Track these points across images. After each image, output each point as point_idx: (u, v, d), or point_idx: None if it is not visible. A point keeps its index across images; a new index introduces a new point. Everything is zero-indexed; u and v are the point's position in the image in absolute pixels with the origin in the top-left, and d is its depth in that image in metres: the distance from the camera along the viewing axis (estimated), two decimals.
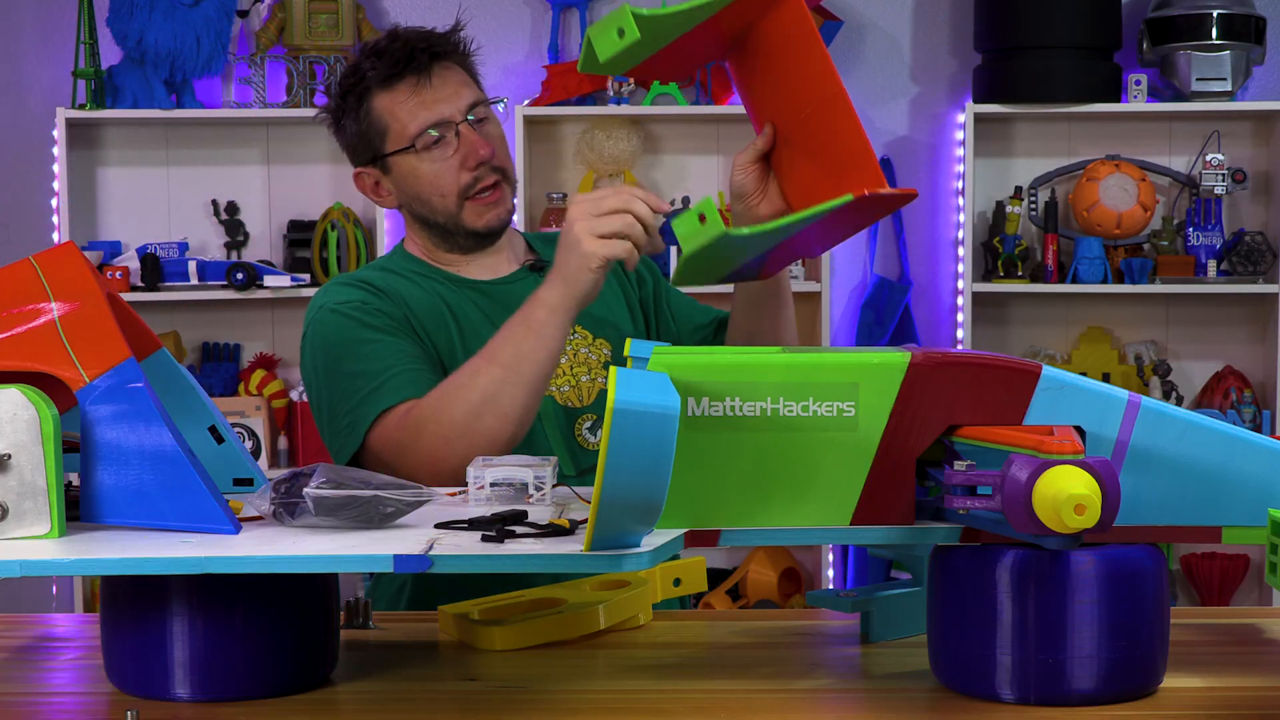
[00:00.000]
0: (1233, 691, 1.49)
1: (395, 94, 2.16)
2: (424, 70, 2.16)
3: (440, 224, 2.19)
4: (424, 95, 2.15)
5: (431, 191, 2.17)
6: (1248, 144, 4.49)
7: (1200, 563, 4.44)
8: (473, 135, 2.15)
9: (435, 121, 2.15)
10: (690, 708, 1.46)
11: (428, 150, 2.15)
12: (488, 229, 2.20)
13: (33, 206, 4.39)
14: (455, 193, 2.16)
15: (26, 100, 4.39)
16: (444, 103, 2.15)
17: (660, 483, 1.30)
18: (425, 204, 2.19)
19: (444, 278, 2.21)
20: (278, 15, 4.32)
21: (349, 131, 2.23)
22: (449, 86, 2.17)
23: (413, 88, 2.16)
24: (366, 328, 2.09)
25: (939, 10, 4.52)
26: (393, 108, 2.17)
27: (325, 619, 1.52)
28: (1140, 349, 4.51)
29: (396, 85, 2.16)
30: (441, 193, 2.17)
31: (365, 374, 2.05)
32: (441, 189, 2.16)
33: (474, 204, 2.17)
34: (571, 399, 2.16)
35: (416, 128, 2.15)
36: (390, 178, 2.21)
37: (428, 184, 2.17)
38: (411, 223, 2.25)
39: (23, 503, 1.44)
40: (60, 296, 1.51)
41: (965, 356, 1.47)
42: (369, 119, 2.19)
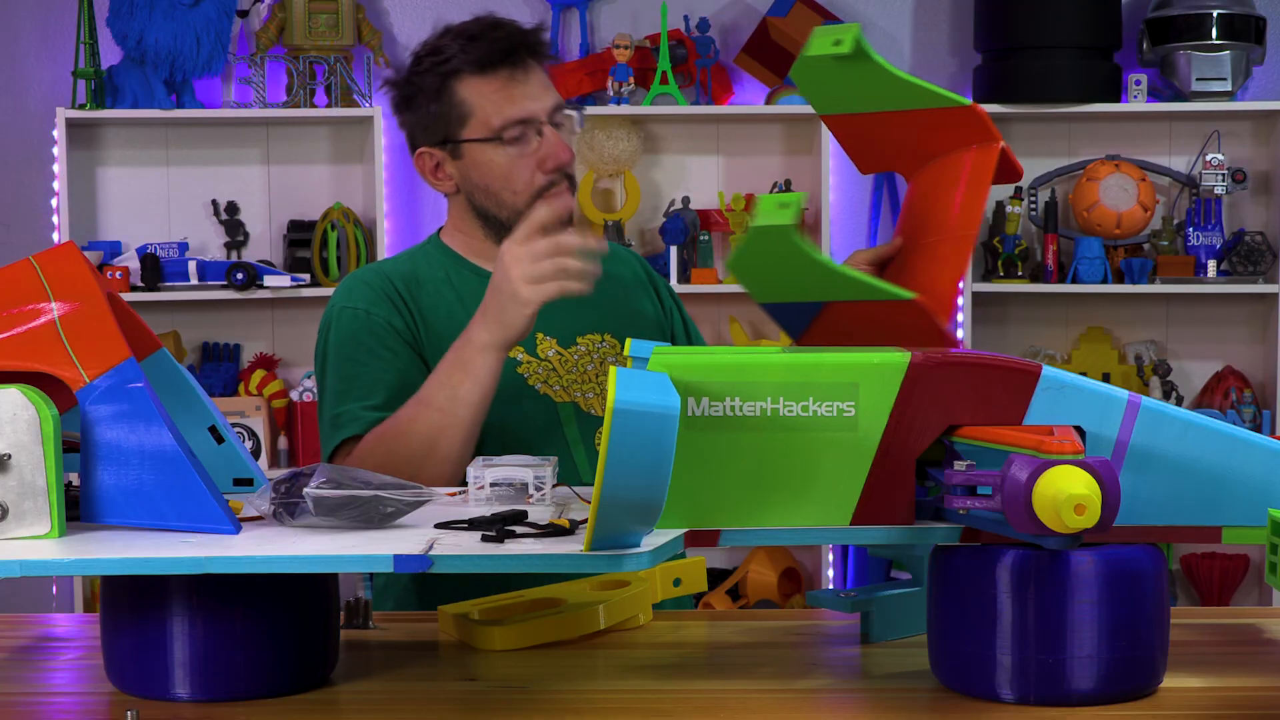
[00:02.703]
0: (1233, 691, 1.49)
1: (486, 82, 2.13)
2: (519, 65, 2.14)
3: (503, 220, 2.16)
4: (514, 90, 2.13)
5: (503, 185, 2.15)
6: (1248, 144, 4.49)
7: (1200, 563, 4.44)
8: (555, 138, 2.14)
9: (522, 118, 2.13)
10: (690, 708, 1.46)
11: (510, 145, 2.13)
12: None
13: (33, 206, 4.39)
14: (528, 191, 2.14)
15: (26, 100, 4.39)
16: (533, 100, 2.13)
17: (660, 483, 1.30)
18: (493, 196, 2.16)
19: (472, 273, 2.20)
20: (278, 15, 4.32)
21: (421, 110, 2.17)
22: (538, 85, 2.15)
23: (506, 80, 2.13)
24: (373, 336, 2.10)
25: (939, 10, 4.52)
26: (479, 95, 2.13)
27: (325, 619, 1.52)
28: (1140, 349, 4.51)
29: (489, 74, 2.13)
30: (514, 189, 2.14)
31: (350, 389, 2.08)
32: (514, 185, 2.14)
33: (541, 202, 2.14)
34: (595, 406, 2.17)
35: (501, 121, 2.12)
36: (458, 163, 2.17)
37: (500, 177, 2.15)
38: (465, 212, 2.21)
39: (23, 503, 1.44)
40: (60, 296, 1.51)
41: (965, 356, 1.47)
42: (451, 101, 2.14)
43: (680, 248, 4.32)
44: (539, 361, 2.14)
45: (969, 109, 1.82)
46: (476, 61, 2.13)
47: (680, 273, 4.31)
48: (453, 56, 2.14)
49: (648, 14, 4.41)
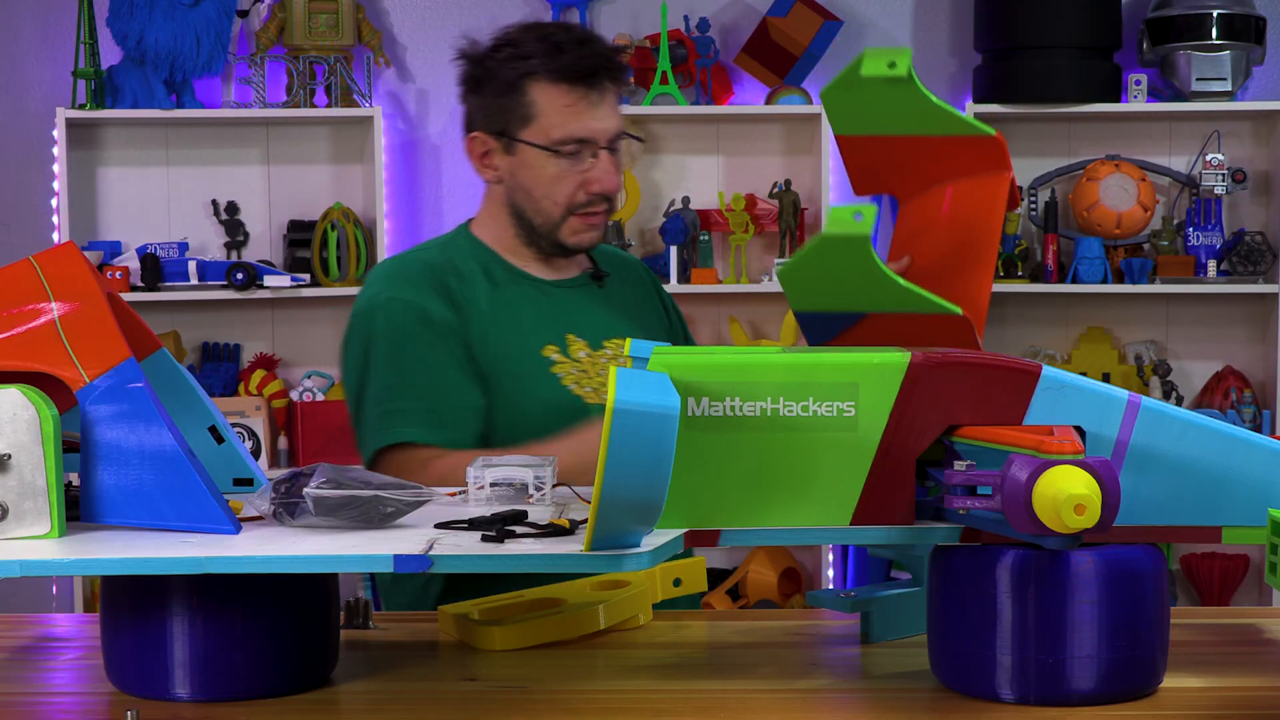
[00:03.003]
0: (1233, 691, 1.49)
1: (558, 92, 2.14)
2: (595, 85, 2.15)
3: (535, 224, 2.18)
4: (582, 107, 2.14)
5: (544, 193, 2.16)
6: (1248, 144, 4.49)
7: (1200, 563, 4.44)
8: (607, 164, 2.16)
9: (583, 137, 2.14)
10: (690, 708, 1.46)
11: (564, 158, 2.15)
12: (577, 247, 2.21)
13: (33, 206, 4.39)
14: (565, 205, 2.16)
15: (26, 100, 4.38)
16: (598, 123, 2.15)
17: (660, 483, 1.30)
18: (532, 201, 2.17)
19: (506, 269, 2.21)
20: (278, 15, 4.31)
21: (488, 96, 2.19)
22: (606, 109, 2.17)
23: (578, 95, 2.14)
24: (427, 330, 2.10)
25: (939, 10, 4.52)
26: (550, 103, 2.14)
27: (325, 619, 1.52)
28: (1140, 349, 4.51)
29: (564, 86, 2.14)
30: (554, 200, 2.16)
31: (401, 387, 2.07)
32: (555, 196, 2.16)
33: (577, 219, 2.17)
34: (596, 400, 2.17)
35: (563, 135, 2.14)
36: (508, 158, 2.18)
37: (544, 185, 2.16)
38: (501, 208, 2.22)
39: (23, 503, 1.44)
40: (60, 296, 1.51)
41: (965, 356, 1.47)
42: (519, 97, 2.15)
43: (680, 248, 4.32)
44: (572, 362, 2.15)
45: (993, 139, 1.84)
46: (557, 70, 2.14)
47: (680, 273, 4.31)
48: (533, 57, 2.15)
49: (648, 14, 4.41)
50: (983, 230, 1.85)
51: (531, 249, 2.22)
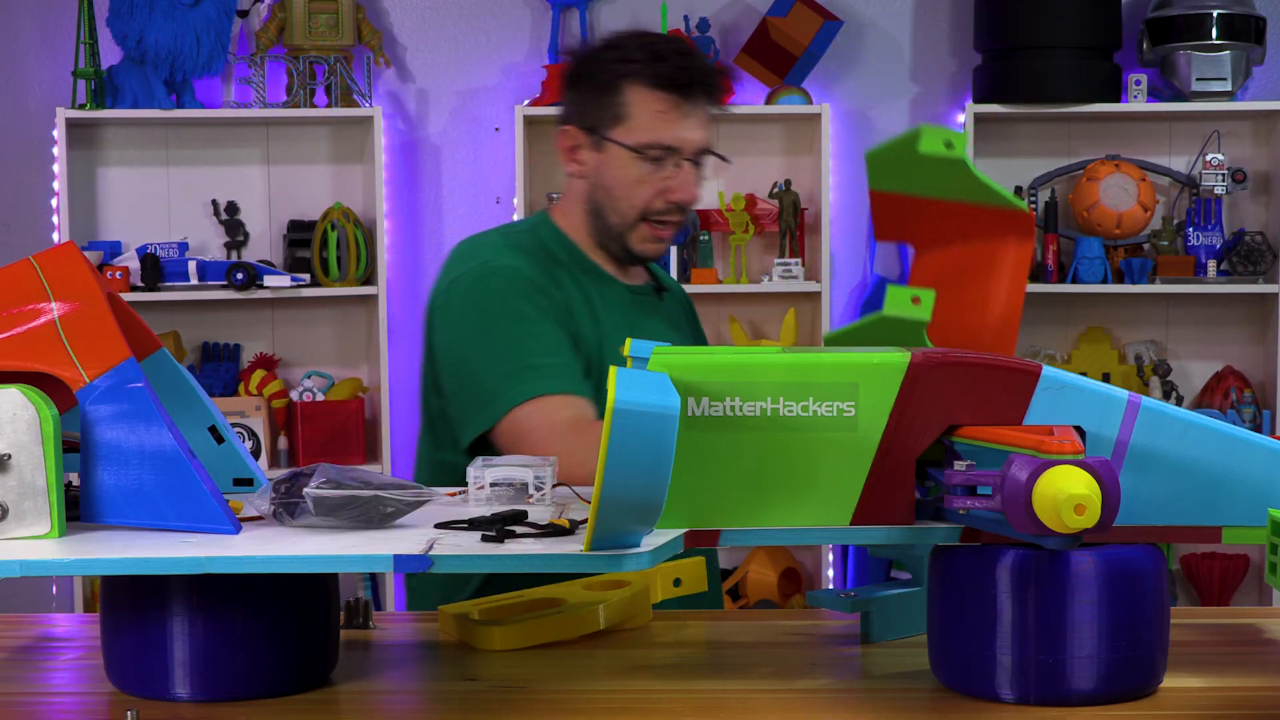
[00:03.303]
0: (1233, 691, 1.49)
1: (653, 97, 2.18)
2: (689, 97, 2.19)
3: (610, 224, 2.22)
4: (674, 116, 2.18)
5: (623, 194, 2.20)
6: (1248, 144, 4.49)
7: (1200, 563, 4.44)
8: (688, 176, 2.19)
9: (669, 145, 2.18)
10: (690, 708, 1.46)
11: (645, 161, 2.18)
12: (643, 255, 2.24)
13: (33, 206, 4.39)
14: (641, 209, 2.20)
15: (26, 100, 4.38)
16: (685, 133, 2.18)
17: (660, 483, 1.30)
18: (611, 200, 2.21)
19: (585, 265, 2.24)
20: (278, 15, 4.31)
21: (585, 92, 2.22)
22: (695, 122, 2.20)
23: (671, 104, 2.18)
24: (529, 303, 2.10)
25: (939, 10, 4.52)
26: (643, 107, 2.18)
27: (325, 619, 1.52)
28: (1140, 349, 4.51)
29: (658, 91, 2.18)
30: (632, 202, 2.20)
31: (521, 349, 2.06)
32: (633, 198, 2.19)
33: (648, 227, 2.21)
34: None
35: (650, 139, 2.17)
36: (595, 154, 2.22)
37: (624, 186, 2.19)
38: (580, 200, 2.25)
39: (23, 503, 1.44)
40: (60, 296, 1.51)
41: (965, 356, 1.47)
42: (615, 97, 2.19)
43: (680, 248, 4.32)
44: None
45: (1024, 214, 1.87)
46: (654, 76, 2.18)
47: (680, 272, 4.31)
48: (635, 61, 2.19)
49: (648, 14, 4.42)
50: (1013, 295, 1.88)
51: (601, 250, 2.26)
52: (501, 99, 4.42)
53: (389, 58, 4.39)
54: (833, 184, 4.40)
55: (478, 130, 4.45)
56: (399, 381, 4.41)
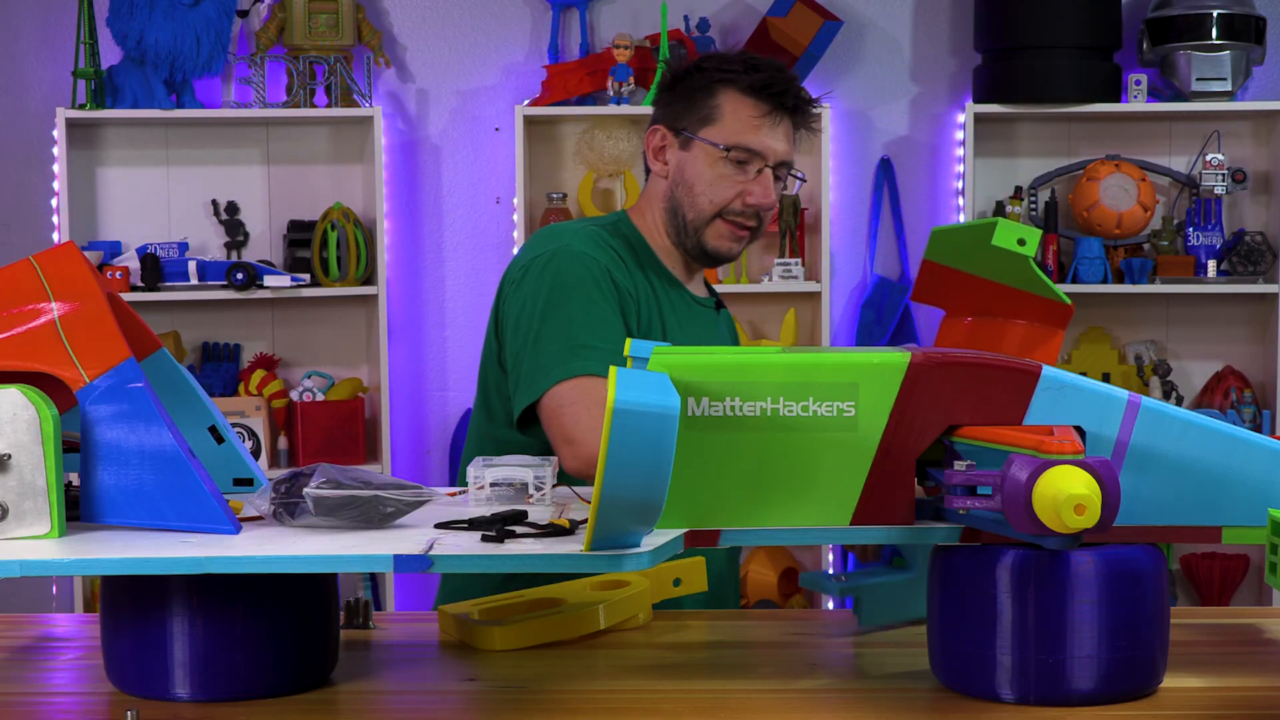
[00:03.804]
0: (1233, 691, 1.49)
1: (745, 103, 2.23)
2: (778, 108, 2.24)
3: (686, 219, 2.26)
4: (765, 125, 2.23)
5: (703, 190, 2.24)
6: (1248, 144, 4.49)
7: (1200, 563, 4.44)
8: (768, 183, 2.23)
9: (755, 149, 2.22)
10: (690, 708, 1.46)
11: (729, 162, 2.23)
12: (715, 254, 2.27)
13: (33, 206, 4.39)
14: (719, 206, 2.24)
15: (26, 100, 4.38)
16: (772, 142, 2.23)
17: (660, 483, 1.30)
18: (691, 195, 2.25)
19: (657, 266, 2.27)
20: (278, 15, 4.31)
21: (679, 93, 2.28)
22: (783, 135, 2.25)
23: (764, 114, 2.23)
24: (598, 289, 2.14)
25: (939, 10, 4.52)
26: (734, 110, 2.23)
27: (325, 619, 1.52)
28: (1140, 349, 4.51)
29: (751, 98, 2.23)
30: (711, 198, 2.24)
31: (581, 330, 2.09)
32: (713, 195, 2.24)
33: (724, 224, 2.25)
34: None
35: (737, 140, 2.22)
36: (680, 153, 2.27)
37: (705, 183, 2.24)
38: (660, 198, 2.30)
39: (23, 503, 1.44)
40: (60, 296, 1.51)
41: (965, 356, 1.47)
42: (708, 99, 2.25)
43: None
44: None
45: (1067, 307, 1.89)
46: (751, 84, 2.23)
47: None
48: (733, 69, 2.25)
49: (648, 14, 4.41)
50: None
51: (678, 250, 2.29)
52: (501, 99, 4.42)
53: (389, 58, 4.39)
54: (833, 184, 4.40)
55: (478, 130, 4.45)
56: (399, 381, 4.41)
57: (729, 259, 2.30)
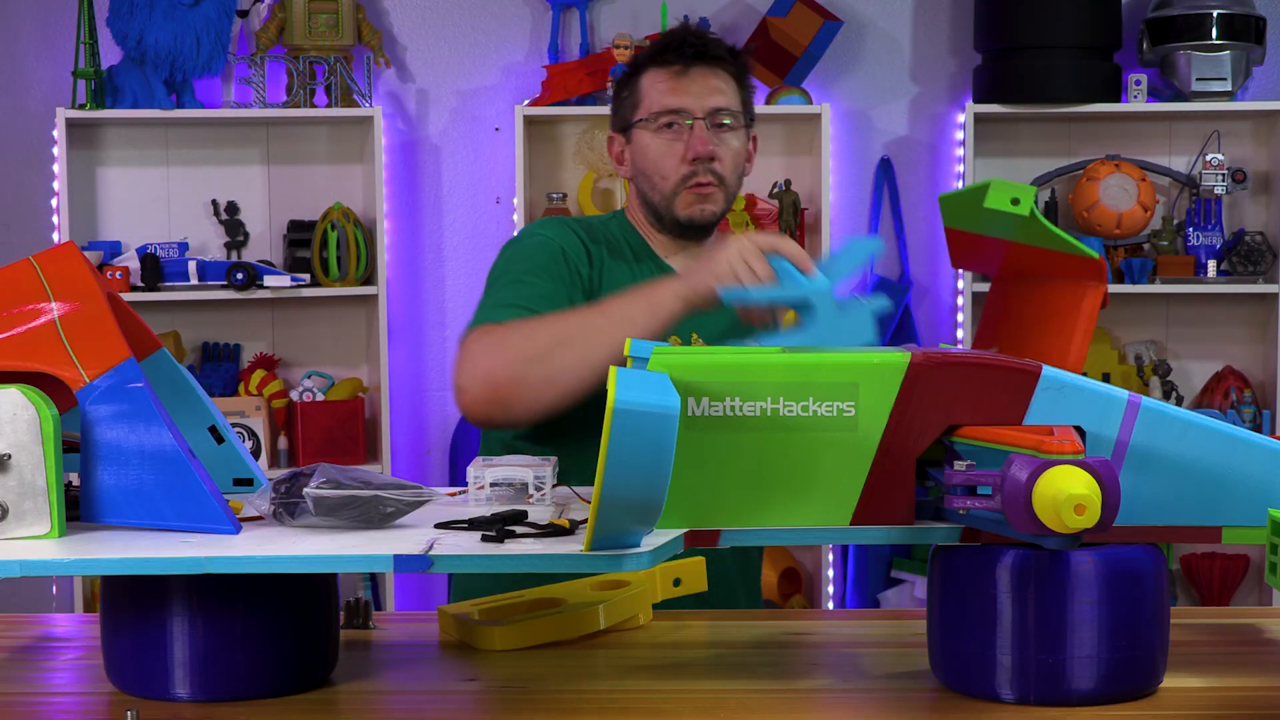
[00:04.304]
0: (1233, 691, 1.49)
1: (656, 75, 2.29)
2: (688, 62, 2.28)
3: (655, 204, 2.30)
4: (676, 83, 2.27)
5: (654, 170, 2.28)
6: (1248, 144, 4.49)
7: (1200, 563, 4.44)
8: (701, 133, 2.26)
9: (675, 108, 2.27)
10: (690, 708, 1.46)
11: (660, 132, 2.28)
12: (690, 220, 2.28)
13: (33, 206, 4.39)
14: (673, 178, 2.27)
15: (26, 100, 4.38)
16: (690, 97, 2.27)
17: (660, 483, 1.30)
18: (648, 181, 2.29)
19: (651, 255, 2.31)
20: (278, 15, 4.31)
21: (616, 98, 2.37)
22: (703, 85, 2.28)
23: (675, 74, 2.28)
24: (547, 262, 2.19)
25: (939, 10, 4.51)
26: (651, 84, 2.29)
27: (325, 619, 1.52)
28: (1140, 349, 4.51)
29: (663, 67, 2.29)
30: (662, 174, 2.27)
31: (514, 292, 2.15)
32: (663, 171, 2.27)
33: (688, 193, 2.27)
34: None
35: (659, 108, 2.27)
36: (629, 148, 2.33)
37: (652, 163, 2.28)
38: (635, 195, 2.35)
39: (23, 503, 1.44)
40: (60, 296, 1.51)
41: (965, 356, 1.47)
42: (632, 90, 2.32)
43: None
44: None
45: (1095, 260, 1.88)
46: (653, 55, 2.31)
47: None
48: (645, 54, 2.33)
49: (648, 14, 4.41)
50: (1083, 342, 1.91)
51: (665, 235, 2.32)
52: (501, 99, 4.42)
53: (389, 58, 4.39)
54: (833, 184, 4.40)
55: (478, 130, 4.45)
56: (399, 381, 4.41)
57: (707, 222, 2.29)
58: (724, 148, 2.28)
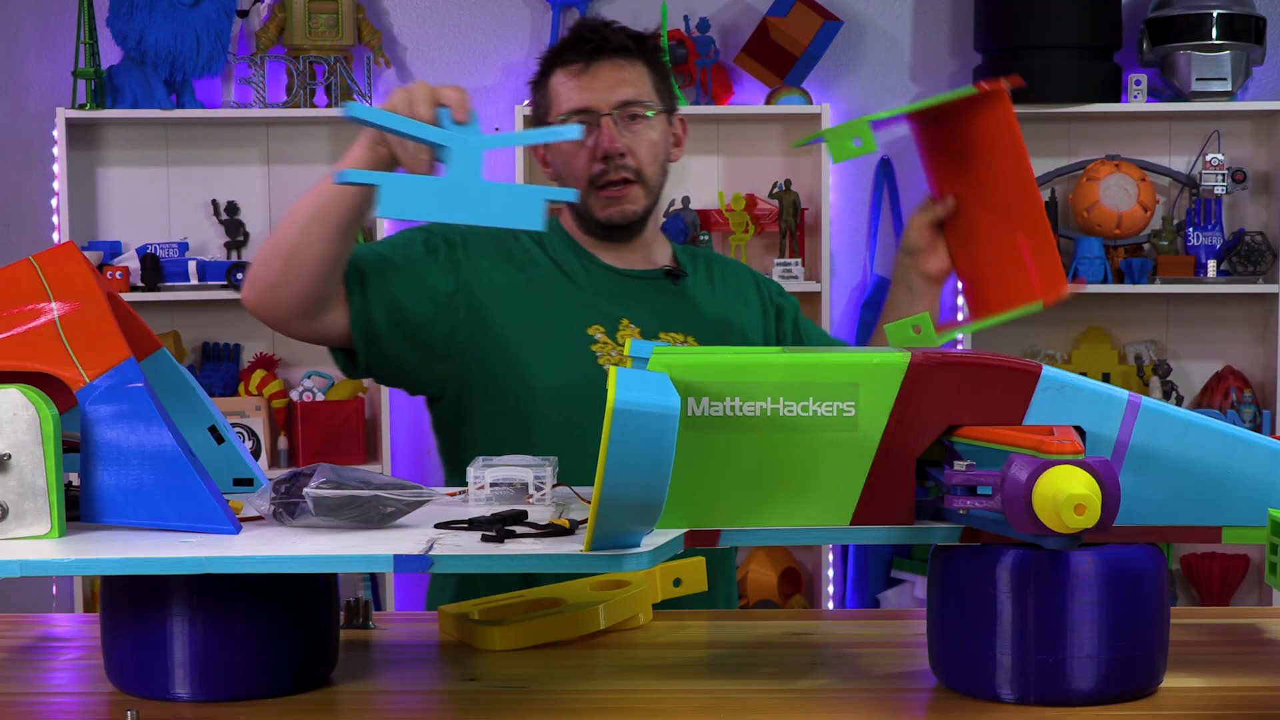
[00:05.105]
0: (1233, 691, 1.49)
1: (564, 73, 2.26)
2: (589, 58, 2.25)
3: (575, 207, 2.27)
4: (582, 80, 2.24)
5: (568, 172, 2.25)
6: (1248, 144, 4.49)
7: (1200, 563, 4.44)
8: (608, 130, 2.22)
9: (581, 107, 2.22)
10: (690, 708, 1.46)
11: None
12: (608, 222, 2.25)
13: (33, 206, 4.39)
14: (585, 178, 2.23)
15: (26, 100, 4.38)
16: (595, 92, 2.23)
17: (660, 483, 1.30)
18: (564, 184, 2.26)
19: (575, 251, 2.28)
20: (278, 15, 4.31)
21: (533, 101, 2.33)
22: (608, 80, 2.24)
23: (578, 72, 2.24)
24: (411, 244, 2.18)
25: (939, 10, 4.52)
26: (558, 85, 2.26)
27: (325, 619, 1.52)
28: (1140, 349, 4.51)
29: (568, 66, 2.26)
30: (575, 175, 2.24)
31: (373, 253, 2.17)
32: (575, 172, 2.24)
33: (601, 195, 2.24)
34: None
35: (566, 109, 2.23)
36: (550, 151, 2.29)
37: (566, 165, 2.25)
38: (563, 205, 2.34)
39: (23, 503, 1.44)
40: (60, 296, 1.51)
41: (965, 356, 1.47)
42: (543, 94, 2.29)
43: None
44: (615, 345, 2.19)
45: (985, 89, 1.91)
46: (556, 56, 2.27)
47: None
48: (549, 57, 2.29)
49: (648, 14, 4.41)
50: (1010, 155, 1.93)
51: (590, 235, 2.29)
52: (501, 99, 4.42)
53: (389, 58, 4.39)
54: (833, 184, 4.40)
55: None
56: None
57: (628, 221, 2.25)
58: (638, 140, 2.23)
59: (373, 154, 1.92)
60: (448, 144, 1.69)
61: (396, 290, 2.13)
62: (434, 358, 2.16)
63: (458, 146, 1.68)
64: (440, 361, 2.16)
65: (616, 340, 2.20)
